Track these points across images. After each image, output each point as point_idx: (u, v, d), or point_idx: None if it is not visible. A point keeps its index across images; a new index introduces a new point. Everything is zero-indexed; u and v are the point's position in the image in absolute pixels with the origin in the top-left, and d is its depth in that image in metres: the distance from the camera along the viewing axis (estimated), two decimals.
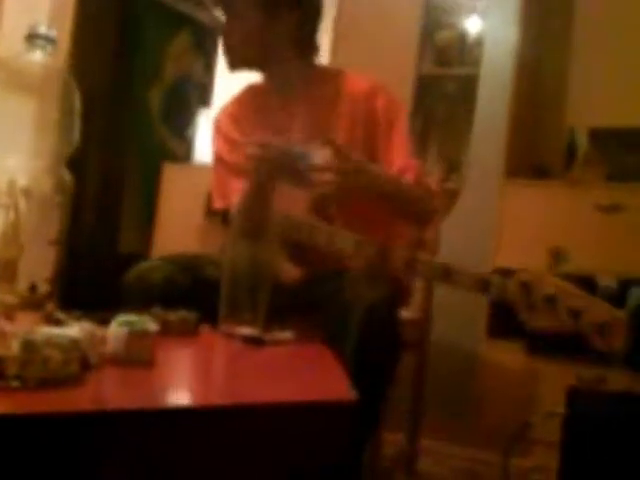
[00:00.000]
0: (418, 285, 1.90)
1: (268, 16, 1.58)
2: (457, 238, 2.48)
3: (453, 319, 2.32)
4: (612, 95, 2.71)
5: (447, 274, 1.27)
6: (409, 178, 1.57)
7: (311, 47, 1.67)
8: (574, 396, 1.33)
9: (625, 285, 1.10)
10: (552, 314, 1.17)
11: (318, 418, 0.83)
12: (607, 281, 1.15)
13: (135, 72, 3.32)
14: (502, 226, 2.53)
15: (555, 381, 1.96)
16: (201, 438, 0.72)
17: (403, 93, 2.93)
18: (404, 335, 1.47)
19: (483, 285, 1.25)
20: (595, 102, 2.75)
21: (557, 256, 1.19)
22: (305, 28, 1.64)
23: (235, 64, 1.65)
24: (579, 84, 2.83)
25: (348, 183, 1.41)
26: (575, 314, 1.15)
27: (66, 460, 0.64)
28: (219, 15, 1.67)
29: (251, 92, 1.74)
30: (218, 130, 1.72)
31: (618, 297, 1.14)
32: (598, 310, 1.14)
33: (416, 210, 1.62)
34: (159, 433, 0.70)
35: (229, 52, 1.64)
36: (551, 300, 1.16)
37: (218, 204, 1.67)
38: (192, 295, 1.38)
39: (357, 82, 1.65)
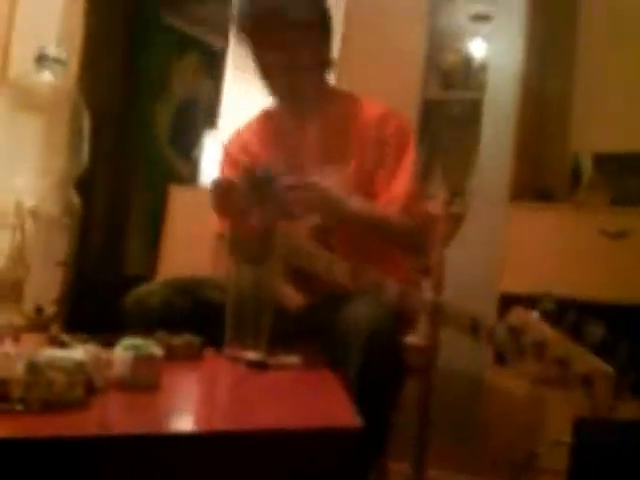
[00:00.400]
0: None
1: (308, 41, 1.60)
2: (462, 262, 2.47)
3: (459, 345, 2.30)
4: (616, 120, 2.71)
5: (436, 311, 1.26)
6: (393, 210, 1.58)
7: (330, 63, 1.70)
8: (581, 425, 1.31)
9: (615, 335, 1.08)
10: (540, 361, 1.15)
11: (322, 445, 0.82)
12: (595, 329, 1.12)
13: (143, 94, 3.34)
14: (507, 250, 2.53)
15: (562, 408, 1.94)
16: (205, 463, 0.72)
17: (408, 117, 2.93)
18: (410, 361, 1.46)
19: (472, 327, 1.23)
20: (599, 127, 2.76)
21: (544, 299, 1.17)
22: (330, 46, 1.68)
23: (291, 94, 1.65)
24: (583, 109, 2.84)
25: (310, 207, 1.45)
26: (563, 364, 1.13)
27: None
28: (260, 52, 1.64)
29: (266, 116, 1.75)
30: (226, 154, 1.74)
31: (608, 346, 1.12)
32: (585, 362, 1.12)
33: (403, 243, 1.64)
34: (164, 458, 0.69)
35: (280, 83, 1.63)
36: (539, 346, 1.14)
37: (217, 227, 1.68)
38: (192, 319, 1.38)
39: (370, 108, 1.67)
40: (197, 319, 1.35)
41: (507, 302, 2.37)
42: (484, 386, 2.48)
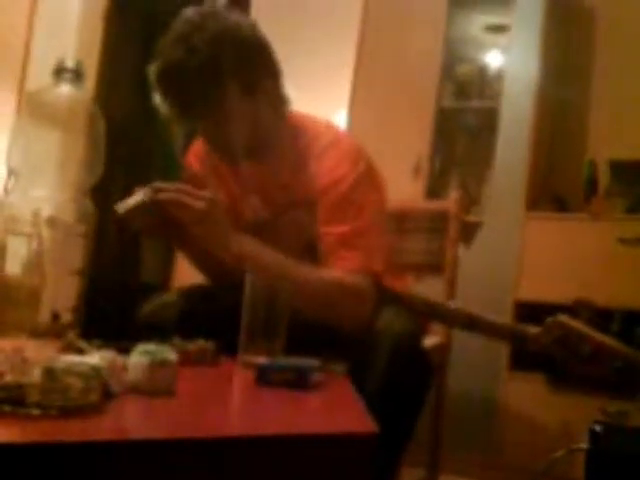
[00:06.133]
0: None
1: (250, 95, 1.45)
2: (478, 270, 2.47)
3: (473, 351, 2.30)
4: (632, 128, 2.70)
5: (472, 324, 1.24)
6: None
7: (284, 101, 1.53)
8: (597, 430, 1.30)
9: None
10: (597, 367, 1.13)
11: (337, 451, 0.82)
12: None
13: None
14: (523, 258, 2.52)
15: (578, 414, 1.93)
16: (220, 469, 0.72)
17: (424, 126, 2.94)
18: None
19: (513, 337, 1.22)
20: (615, 135, 2.75)
21: (582, 304, 1.16)
22: (280, 86, 1.51)
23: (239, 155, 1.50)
24: (599, 117, 2.83)
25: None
26: (625, 369, 1.11)
27: None
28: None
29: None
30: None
31: None
32: None
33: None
34: (180, 463, 0.70)
35: (231, 149, 1.49)
36: (594, 356, 1.13)
37: None
38: (208, 327, 1.37)
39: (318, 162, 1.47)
40: (214, 327, 1.34)
41: (522, 309, 2.37)
42: (499, 391, 2.47)
